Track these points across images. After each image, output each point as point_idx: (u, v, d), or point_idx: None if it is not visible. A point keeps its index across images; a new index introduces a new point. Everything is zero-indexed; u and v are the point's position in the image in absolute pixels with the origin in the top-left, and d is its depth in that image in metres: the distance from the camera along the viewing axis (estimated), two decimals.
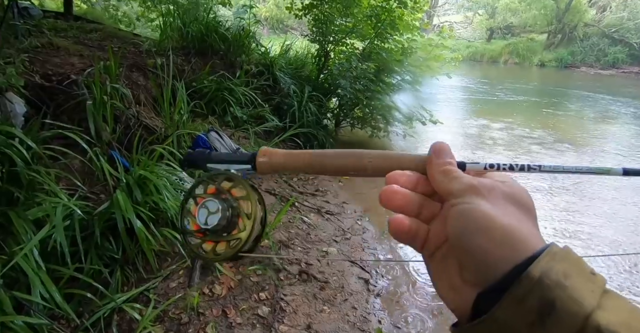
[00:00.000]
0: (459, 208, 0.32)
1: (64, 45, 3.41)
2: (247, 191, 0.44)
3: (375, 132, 5.03)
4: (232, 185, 0.45)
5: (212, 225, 0.41)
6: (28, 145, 1.95)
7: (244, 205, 0.43)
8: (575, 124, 7.71)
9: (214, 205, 0.42)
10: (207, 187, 0.45)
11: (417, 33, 5.22)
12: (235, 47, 4.43)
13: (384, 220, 3.43)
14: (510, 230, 0.29)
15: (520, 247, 0.29)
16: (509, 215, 0.31)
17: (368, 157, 0.41)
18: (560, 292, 0.26)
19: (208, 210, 0.42)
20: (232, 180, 0.45)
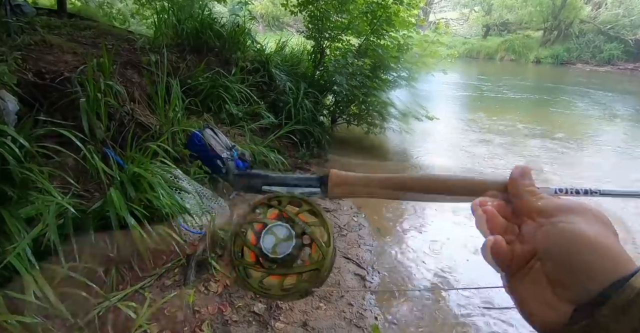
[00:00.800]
0: (559, 226, 0.34)
1: (57, 43, 3.38)
2: (319, 216, 0.40)
3: (371, 128, 5.03)
4: (300, 209, 0.41)
5: (283, 254, 0.36)
6: (21, 143, 1.93)
7: (317, 232, 0.39)
8: (580, 122, 7.73)
9: (285, 231, 0.37)
10: (268, 212, 0.40)
11: (413, 29, 5.22)
12: (231, 44, 4.40)
13: (379, 216, 3.43)
14: (609, 248, 0.32)
15: (619, 263, 0.31)
16: (603, 233, 0.33)
17: (450, 181, 0.40)
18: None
19: (276, 236, 0.37)
20: (299, 205, 0.41)
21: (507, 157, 5.23)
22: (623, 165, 5.28)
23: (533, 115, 8.05)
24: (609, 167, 5.15)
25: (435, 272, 2.73)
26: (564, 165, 5.05)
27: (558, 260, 0.33)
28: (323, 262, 0.38)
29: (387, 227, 3.28)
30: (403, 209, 3.61)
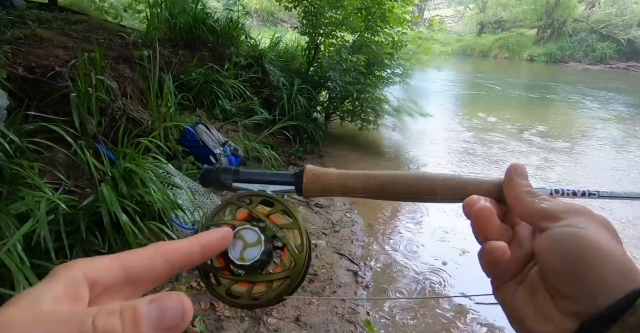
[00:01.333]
0: (565, 230, 0.30)
1: (48, 37, 3.34)
2: (293, 218, 0.36)
3: (365, 125, 5.04)
4: (271, 210, 0.37)
5: (252, 260, 0.33)
6: (11, 138, 1.91)
7: (290, 235, 0.36)
8: (578, 120, 7.79)
9: (253, 235, 0.34)
10: (237, 212, 0.37)
11: (408, 26, 5.22)
12: (224, 39, 4.38)
13: (372, 212, 3.44)
14: (619, 257, 0.28)
15: (629, 275, 0.28)
16: (612, 241, 0.30)
17: (438, 181, 0.37)
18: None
19: (245, 241, 0.33)
20: (272, 204, 0.37)
21: (504, 155, 5.26)
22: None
23: (526, 112, 8.10)
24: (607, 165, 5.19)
25: (429, 268, 2.75)
26: (565, 163, 5.09)
27: (563, 268, 0.29)
28: (295, 269, 0.34)
29: (380, 223, 3.30)
30: (397, 205, 3.63)
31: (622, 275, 0.28)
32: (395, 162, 4.81)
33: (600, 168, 4.99)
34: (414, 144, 5.52)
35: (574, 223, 0.30)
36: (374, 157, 4.87)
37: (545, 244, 0.31)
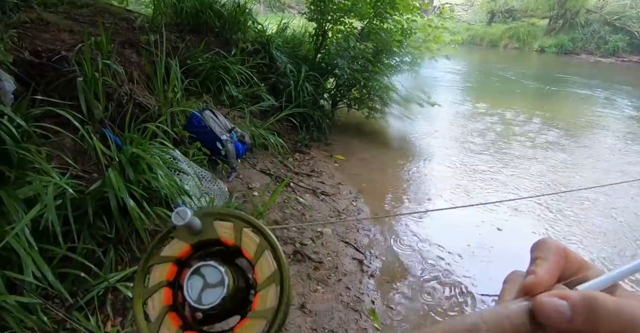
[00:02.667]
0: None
1: (54, 21, 3.31)
2: (263, 236, 0.28)
3: (372, 113, 5.00)
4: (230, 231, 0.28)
5: (209, 305, 0.25)
6: (18, 123, 1.90)
7: (264, 265, 0.27)
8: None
9: (215, 274, 0.26)
10: (187, 241, 0.28)
11: (417, 13, 5.12)
12: (231, 24, 4.33)
13: (378, 201, 3.43)
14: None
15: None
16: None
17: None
18: None
19: (205, 280, 0.26)
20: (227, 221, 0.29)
21: (511, 148, 5.21)
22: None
23: (535, 104, 7.99)
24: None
25: (435, 256, 2.74)
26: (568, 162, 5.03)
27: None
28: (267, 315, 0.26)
29: (386, 212, 3.29)
30: (403, 194, 3.61)
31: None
32: (401, 151, 4.77)
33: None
34: (421, 132, 5.47)
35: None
36: (380, 146, 4.84)
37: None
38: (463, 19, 23.59)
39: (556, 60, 16.72)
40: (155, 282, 0.27)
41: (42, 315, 1.55)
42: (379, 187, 3.71)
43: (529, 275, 0.30)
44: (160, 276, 0.27)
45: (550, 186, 3.98)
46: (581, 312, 0.26)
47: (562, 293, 0.28)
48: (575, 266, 0.32)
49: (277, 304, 0.26)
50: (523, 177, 4.17)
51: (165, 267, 0.27)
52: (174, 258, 0.27)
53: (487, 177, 4.12)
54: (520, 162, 4.59)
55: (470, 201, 3.53)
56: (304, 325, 1.98)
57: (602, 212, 3.51)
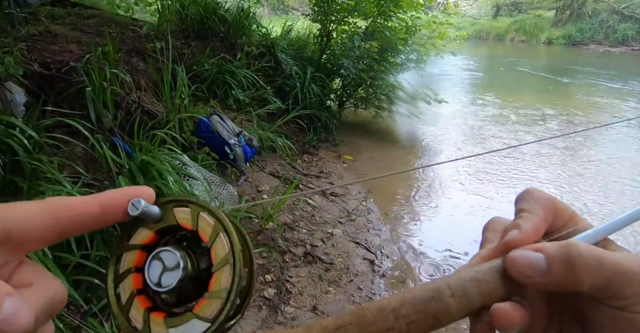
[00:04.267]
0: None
1: (61, 32, 3.37)
2: (217, 219, 0.28)
3: (379, 112, 4.99)
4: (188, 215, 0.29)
5: (167, 287, 0.26)
6: (29, 134, 1.94)
7: (218, 247, 0.28)
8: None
9: (172, 258, 0.27)
10: (150, 229, 0.29)
11: (421, 10, 5.11)
12: (236, 28, 4.36)
13: (388, 201, 3.43)
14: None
15: None
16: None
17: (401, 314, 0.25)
18: None
19: (163, 264, 0.27)
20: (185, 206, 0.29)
21: (517, 138, 5.16)
22: None
23: (545, 98, 7.89)
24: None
25: (445, 256, 2.73)
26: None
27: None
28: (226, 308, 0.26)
29: (396, 212, 3.28)
30: (412, 193, 3.60)
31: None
32: (410, 149, 4.76)
33: None
34: (429, 130, 5.44)
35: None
36: (388, 145, 4.82)
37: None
38: (468, 14, 23.40)
39: (565, 52, 16.51)
40: (125, 268, 0.28)
41: (57, 322, 1.58)
42: (389, 186, 3.70)
43: (512, 230, 0.27)
44: (128, 263, 0.28)
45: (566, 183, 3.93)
46: (558, 263, 0.24)
47: (536, 246, 0.25)
48: (563, 220, 0.29)
49: (230, 284, 0.26)
50: (535, 174, 4.13)
51: (132, 254, 0.28)
52: (140, 245, 0.28)
53: (501, 173, 4.08)
54: (538, 159, 4.54)
55: (481, 196, 3.51)
56: None
57: None
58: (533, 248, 0.25)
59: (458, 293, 0.25)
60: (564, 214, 0.29)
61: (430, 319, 0.25)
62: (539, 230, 0.27)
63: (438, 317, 0.25)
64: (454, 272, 0.27)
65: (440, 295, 0.25)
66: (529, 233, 0.26)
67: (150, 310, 0.27)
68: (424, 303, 0.25)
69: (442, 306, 0.25)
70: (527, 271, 0.25)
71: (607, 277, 0.23)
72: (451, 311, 0.25)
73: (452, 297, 0.25)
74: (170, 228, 0.29)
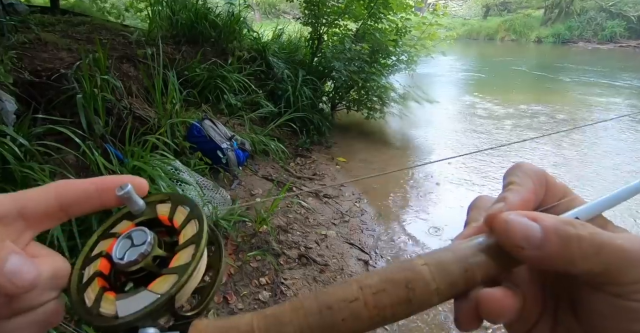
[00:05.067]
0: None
1: (52, 40, 3.37)
2: (191, 209, 0.30)
3: (371, 113, 5.02)
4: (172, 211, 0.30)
5: (127, 261, 0.26)
6: (20, 142, 1.94)
7: (187, 230, 0.29)
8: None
9: (143, 236, 0.28)
10: (131, 221, 0.31)
11: (411, 12, 5.15)
12: (226, 33, 4.37)
13: (382, 201, 3.44)
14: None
15: None
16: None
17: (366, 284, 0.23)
18: None
19: (132, 242, 0.28)
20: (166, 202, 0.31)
21: (509, 135, 5.20)
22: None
23: (533, 95, 7.96)
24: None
25: None
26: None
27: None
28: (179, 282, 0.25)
29: (390, 212, 3.29)
30: (406, 194, 3.62)
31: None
32: (402, 150, 4.78)
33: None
34: (421, 130, 5.48)
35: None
36: (381, 146, 4.85)
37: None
38: (458, 15, 23.59)
39: (555, 50, 16.67)
40: (96, 252, 0.29)
41: (51, 330, 1.58)
42: (382, 187, 3.72)
43: (498, 203, 0.25)
44: (101, 248, 0.29)
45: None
46: (555, 238, 0.21)
47: (532, 214, 0.23)
48: (556, 195, 0.27)
49: (190, 259, 0.27)
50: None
51: (108, 241, 0.29)
52: (118, 233, 0.29)
53: (491, 171, 4.11)
54: (529, 155, 4.58)
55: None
56: None
57: None
58: (529, 215, 0.22)
59: (432, 261, 0.23)
60: (556, 190, 0.27)
61: (401, 288, 0.22)
62: (528, 204, 0.25)
63: (411, 285, 0.22)
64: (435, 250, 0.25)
65: (411, 264, 0.23)
66: (516, 207, 0.24)
67: (105, 290, 0.27)
68: (392, 272, 0.23)
69: (413, 273, 0.22)
70: (519, 239, 0.22)
71: (606, 263, 0.21)
72: (425, 277, 0.22)
73: (426, 265, 0.23)
74: (151, 223, 0.30)
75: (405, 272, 0.22)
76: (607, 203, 0.25)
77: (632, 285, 0.21)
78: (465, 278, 0.23)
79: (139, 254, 0.27)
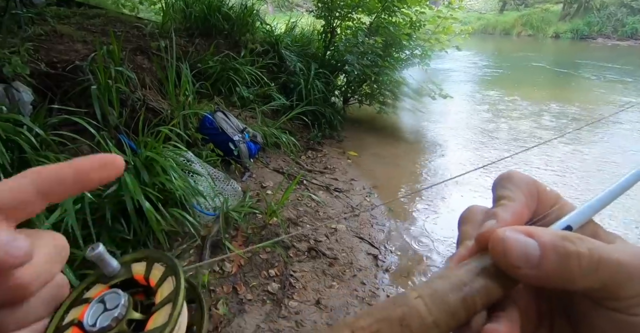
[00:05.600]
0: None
1: (67, 32, 3.41)
2: (167, 265, 0.28)
3: (384, 108, 4.98)
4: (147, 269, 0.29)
5: (98, 327, 0.25)
6: (36, 132, 1.98)
7: (165, 288, 0.27)
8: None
9: (116, 298, 0.26)
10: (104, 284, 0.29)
11: (426, 5, 5.08)
12: (239, 26, 4.37)
13: (392, 196, 3.43)
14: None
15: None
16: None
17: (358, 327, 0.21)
18: None
19: (105, 306, 0.26)
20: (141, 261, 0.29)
21: (521, 133, 5.13)
22: None
23: (550, 92, 7.83)
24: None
25: (452, 251, 2.73)
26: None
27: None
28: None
29: (400, 207, 3.28)
30: (416, 188, 3.60)
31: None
32: (414, 145, 4.75)
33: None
34: (434, 126, 5.43)
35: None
36: (393, 141, 4.82)
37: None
38: (474, 9, 23.23)
39: (573, 46, 16.32)
40: (68, 321, 0.27)
41: None
42: (393, 182, 3.71)
43: (489, 220, 0.24)
44: (73, 315, 0.27)
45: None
46: (553, 256, 0.20)
47: (528, 229, 0.21)
48: (548, 204, 0.26)
49: (167, 320, 0.25)
50: (542, 172, 4.10)
51: (80, 308, 0.27)
52: (90, 298, 0.27)
53: (506, 168, 4.07)
54: (546, 158, 4.52)
55: (486, 194, 3.50)
56: (319, 320, 2.01)
57: None
58: (525, 231, 0.21)
59: (426, 293, 0.22)
60: (548, 199, 0.26)
61: (395, 327, 0.21)
62: (521, 218, 0.24)
63: (405, 322, 0.21)
64: (428, 281, 0.23)
65: (405, 298, 0.22)
66: (509, 224, 0.23)
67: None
68: (385, 309, 0.22)
69: (407, 309, 0.21)
70: (515, 259, 0.21)
71: (604, 279, 0.20)
72: (420, 311, 0.21)
73: (419, 297, 0.22)
74: (127, 284, 0.29)
75: (398, 308, 0.21)
76: (597, 205, 0.24)
77: (631, 299, 0.20)
78: (465, 307, 0.21)
79: (112, 319, 0.25)
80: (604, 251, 0.20)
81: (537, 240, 0.21)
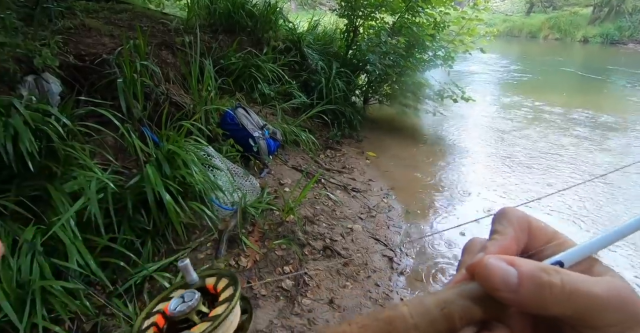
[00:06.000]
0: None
1: (95, 26, 3.49)
2: (232, 279, 0.41)
3: (405, 109, 4.94)
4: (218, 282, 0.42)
5: (179, 312, 0.37)
6: (64, 122, 2.03)
7: (225, 293, 0.40)
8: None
9: (192, 295, 0.38)
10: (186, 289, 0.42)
11: (450, 6, 5.02)
12: (263, 23, 4.40)
13: (410, 199, 3.40)
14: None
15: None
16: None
17: (353, 321, 0.25)
18: None
19: (184, 300, 0.38)
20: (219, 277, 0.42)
21: (540, 142, 5.02)
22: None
23: (582, 99, 7.64)
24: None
25: None
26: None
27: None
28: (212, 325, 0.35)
29: (417, 210, 3.25)
30: (435, 191, 3.56)
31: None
32: (435, 148, 4.70)
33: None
34: (455, 129, 5.36)
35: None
36: (412, 143, 4.77)
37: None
38: (499, 10, 22.83)
39: (603, 51, 15.87)
40: (157, 309, 0.40)
41: (84, 300, 1.65)
42: (411, 184, 3.68)
43: (480, 252, 0.27)
44: (159, 307, 0.40)
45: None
46: (529, 285, 0.23)
47: (511, 259, 0.24)
48: (542, 240, 0.28)
49: (223, 313, 0.36)
50: (562, 174, 4.01)
51: (165, 303, 0.39)
52: (174, 297, 0.40)
53: (526, 173, 3.99)
54: (564, 162, 4.42)
55: (506, 200, 3.44)
56: (332, 319, 2.01)
57: None
58: (507, 260, 0.24)
59: (412, 302, 0.25)
60: (542, 234, 0.28)
61: (382, 323, 0.24)
62: (508, 251, 0.26)
63: (390, 320, 0.24)
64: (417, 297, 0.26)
65: (395, 305, 0.25)
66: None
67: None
68: (377, 312, 0.25)
69: (394, 312, 0.24)
70: (496, 282, 0.23)
71: (577, 308, 0.22)
72: (404, 314, 0.24)
73: (406, 305, 0.25)
74: (200, 292, 0.40)
75: (387, 311, 0.25)
76: (594, 246, 0.26)
77: (607, 328, 0.23)
78: (445, 318, 0.24)
79: (187, 307, 0.37)
80: (579, 283, 0.23)
81: (517, 269, 0.23)
